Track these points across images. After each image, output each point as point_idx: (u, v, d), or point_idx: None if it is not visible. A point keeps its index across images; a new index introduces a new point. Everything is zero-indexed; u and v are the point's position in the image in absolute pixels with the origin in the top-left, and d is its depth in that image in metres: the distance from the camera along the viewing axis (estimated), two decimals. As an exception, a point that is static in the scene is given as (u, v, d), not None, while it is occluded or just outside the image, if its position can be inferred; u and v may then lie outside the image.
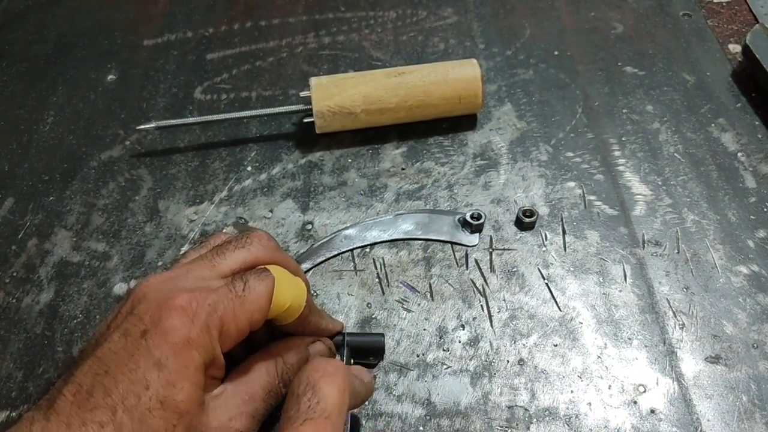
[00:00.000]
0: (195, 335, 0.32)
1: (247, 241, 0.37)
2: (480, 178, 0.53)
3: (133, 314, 0.33)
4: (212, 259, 0.36)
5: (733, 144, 0.54)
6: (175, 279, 0.35)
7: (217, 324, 0.33)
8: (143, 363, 0.31)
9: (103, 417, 0.30)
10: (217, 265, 0.36)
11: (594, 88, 0.59)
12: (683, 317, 0.44)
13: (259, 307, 0.34)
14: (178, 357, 0.31)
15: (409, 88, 0.53)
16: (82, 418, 0.30)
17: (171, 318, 0.32)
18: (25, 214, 0.52)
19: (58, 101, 0.61)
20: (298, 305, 0.36)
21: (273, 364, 0.36)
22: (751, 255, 0.47)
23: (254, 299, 0.34)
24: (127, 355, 0.31)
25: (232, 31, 0.67)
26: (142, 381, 0.31)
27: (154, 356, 0.31)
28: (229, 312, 0.33)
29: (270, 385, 0.36)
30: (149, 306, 0.33)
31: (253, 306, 0.34)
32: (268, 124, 0.58)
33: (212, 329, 0.32)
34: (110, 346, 0.32)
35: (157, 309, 0.32)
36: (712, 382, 0.41)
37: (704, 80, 0.59)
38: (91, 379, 0.31)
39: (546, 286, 0.46)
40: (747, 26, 0.64)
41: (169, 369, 0.31)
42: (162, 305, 0.32)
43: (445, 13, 0.67)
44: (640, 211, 0.50)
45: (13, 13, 0.70)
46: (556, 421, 0.40)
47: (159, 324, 0.32)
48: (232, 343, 0.34)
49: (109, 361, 0.31)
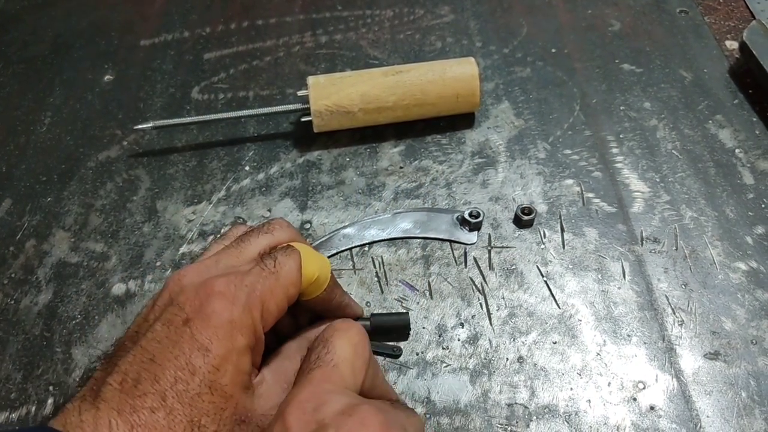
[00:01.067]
0: (237, 317, 0.32)
1: (269, 228, 0.38)
2: (478, 176, 0.53)
3: (173, 305, 0.33)
4: (238, 246, 0.37)
5: (731, 140, 0.54)
6: (207, 269, 0.35)
7: (257, 304, 0.33)
8: (188, 349, 0.31)
9: (153, 403, 0.30)
10: (244, 251, 0.37)
11: (591, 85, 0.59)
12: (682, 314, 0.44)
13: (292, 280, 0.35)
14: (222, 340, 0.32)
15: (407, 87, 0.53)
16: (132, 405, 0.30)
17: (212, 303, 0.32)
18: (22, 215, 0.52)
19: (55, 102, 0.60)
20: (325, 276, 0.37)
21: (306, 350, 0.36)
22: (749, 251, 0.47)
23: (286, 273, 0.35)
24: (171, 343, 0.32)
25: (229, 30, 0.67)
26: (189, 366, 0.31)
27: (198, 341, 0.31)
28: (267, 290, 0.34)
29: None
30: (188, 295, 0.33)
31: (287, 280, 0.35)
32: (265, 123, 0.58)
33: (253, 309, 0.33)
34: (153, 336, 0.32)
35: (196, 296, 0.33)
36: (712, 379, 0.41)
37: (701, 77, 0.59)
38: (137, 367, 0.31)
39: (545, 284, 0.46)
40: (744, 23, 0.64)
41: (214, 353, 0.31)
42: (201, 293, 0.33)
43: (442, 12, 0.67)
44: (639, 208, 0.50)
45: (9, 14, 0.70)
46: (555, 419, 0.40)
47: (201, 310, 0.32)
48: (273, 321, 0.35)
49: (153, 350, 0.32)
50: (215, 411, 0.31)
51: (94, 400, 0.31)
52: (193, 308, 0.32)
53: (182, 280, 0.34)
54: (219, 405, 0.31)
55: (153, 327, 0.33)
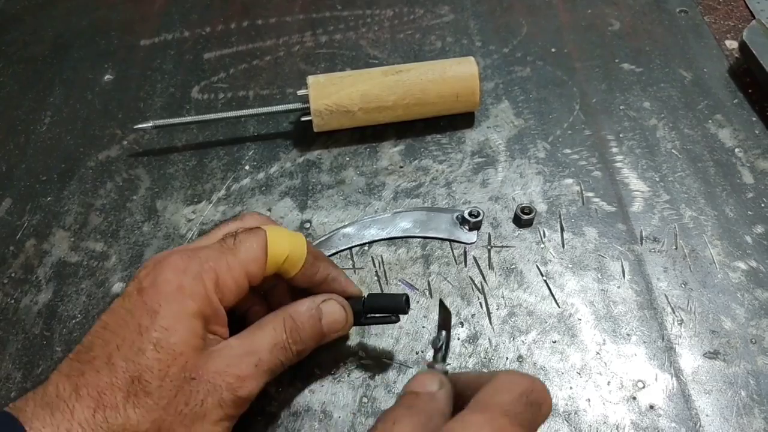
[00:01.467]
0: (187, 284, 0.34)
1: (240, 216, 0.41)
2: (478, 175, 0.53)
3: (133, 280, 0.36)
4: (208, 234, 0.40)
5: (731, 140, 0.54)
6: (175, 250, 0.37)
7: (211, 276, 0.35)
8: (138, 314, 0.34)
9: (99, 363, 0.33)
10: (211, 236, 0.39)
11: (591, 85, 0.59)
12: (682, 313, 0.44)
13: (254, 257, 0.36)
14: (171, 303, 0.34)
15: (407, 87, 0.53)
16: (80, 368, 0.33)
17: (163, 272, 0.34)
18: (22, 214, 0.52)
19: (55, 102, 0.60)
20: (299, 254, 0.38)
21: (281, 322, 0.37)
22: (749, 250, 0.47)
23: (246, 250, 0.36)
24: (124, 311, 0.34)
25: (229, 30, 0.67)
26: (136, 328, 0.33)
27: (147, 305, 0.34)
28: (222, 264, 0.35)
29: (276, 340, 0.37)
30: (146, 270, 0.35)
31: (247, 256, 0.36)
32: (265, 123, 0.58)
33: (206, 280, 0.35)
34: (112, 308, 0.35)
35: (152, 269, 0.35)
36: (711, 378, 0.41)
37: (701, 77, 0.59)
38: (92, 337, 0.34)
39: (544, 283, 0.46)
40: (743, 22, 0.64)
41: (162, 314, 0.33)
42: (156, 266, 0.35)
43: (442, 11, 0.67)
44: (638, 207, 0.50)
45: (9, 13, 0.70)
46: (555, 418, 0.40)
47: (153, 280, 0.34)
48: (234, 296, 0.36)
49: (108, 319, 0.34)
50: (160, 367, 0.33)
51: (49, 375, 0.34)
52: (147, 280, 0.35)
53: (149, 260, 0.36)
54: (165, 362, 0.33)
55: (114, 302, 0.35)
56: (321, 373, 0.42)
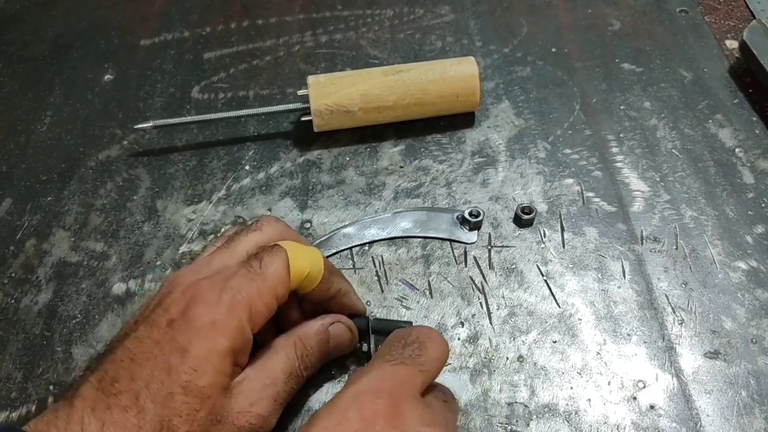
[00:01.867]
0: (220, 319, 0.32)
1: (259, 225, 0.39)
2: (478, 175, 0.53)
3: (160, 306, 0.34)
4: (228, 246, 0.38)
5: (731, 140, 0.54)
6: (198, 270, 0.36)
7: (243, 306, 0.33)
8: (168, 349, 0.32)
9: (126, 401, 0.31)
10: (234, 251, 0.37)
11: (591, 84, 0.59)
12: (682, 313, 0.44)
13: (280, 279, 0.35)
14: (203, 342, 0.32)
15: (407, 86, 0.53)
16: (106, 403, 0.31)
17: (195, 306, 0.33)
18: (23, 214, 0.52)
19: (55, 101, 0.60)
20: (317, 270, 0.37)
21: (293, 348, 0.37)
22: (749, 250, 0.47)
23: (273, 273, 0.35)
24: (152, 343, 0.32)
25: (229, 30, 0.67)
26: (165, 366, 0.31)
27: (177, 342, 0.32)
28: (254, 291, 0.34)
29: (290, 368, 0.36)
30: (174, 297, 0.34)
31: (274, 280, 0.35)
32: (265, 123, 0.58)
33: (239, 311, 0.33)
34: (137, 335, 0.33)
35: (181, 299, 0.33)
36: (712, 378, 0.41)
37: (701, 76, 0.59)
38: (117, 366, 0.32)
39: (545, 283, 0.46)
40: (744, 22, 0.64)
41: (193, 354, 0.32)
42: (186, 295, 0.33)
43: (442, 11, 0.67)
44: (639, 207, 0.50)
45: (9, 13, 0.70)
46: (555, 418, 0.40)
47: (185, 313, 0.33)
48: (264, 321, 0.35)
49: (135, 349, 0.32)
50: (188, 412, 0.31)
51: (71, 398, 0.32)
52: (177, 310, 0.33)
53: (174, 282, 0.35)
54: (193, 406, 0.31)
55: (139, 328, 0.33)
56: (320, 373, 0.42)
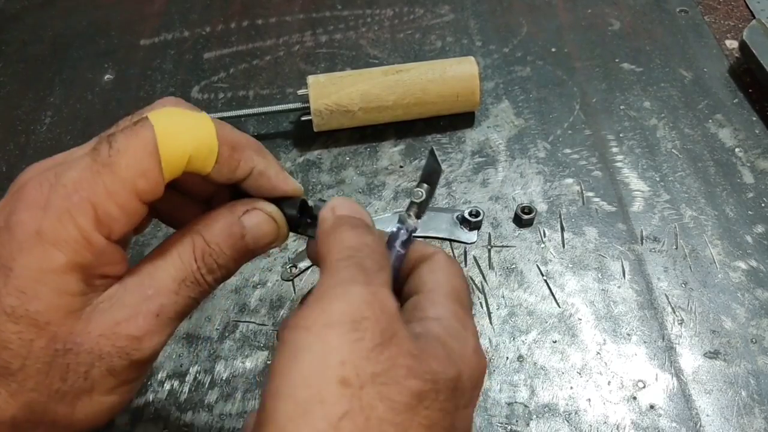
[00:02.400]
0: (49, 228, 0.25)
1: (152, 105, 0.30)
2: (478, 175, 0.53)
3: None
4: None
5: (731, 140, 0.54)
6: (49, 162, 0.28)
7: (85, 210, 0.26)
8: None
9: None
10: (92, 142, 0.28)
11: (591, 84, 0.59)
12: (682, 313, 0.44)
13: (141, 170, 0.26)
14: (28, 257, 0.25)
15: (407, 86, 0.53)
16: None
17: (18, 211, 0.26)
18: (22, 214, 0.52)
19: (55, 101, 0.60)
20: (207, 147, 0.28)
21: (189, 246, 0.29)
22: (749, 250, 0.47)
23: (129, 161, 0.26)
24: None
25: (229, 30, 0.67)
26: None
27: (1, 258, 0.25)
28: (99, 188, 0.26)
29: (184, 273, 0.28)
30: (6, 199, 0.27)
31: (131, 170, 0.26)
32: (265, 122, 0.58)
33: (78, 216, 0.25)
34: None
35: (8, 202, 0.27)
36: (711, 378, 0.41)
37: (701, 76, 0.59)
38: None
39: (545, 283, 0.46)
40: (744, 22, 0.64)
41: (17, 273, 0.25)
42: (13, 197, 0.27)
43: (442, 11, 0.67)
44: (639, 207, 0.50)
45: (9, 13, 0.70)
46: (555, 418, 0.40)
47: (8, 221, 0.26)
48: (126, 225, 0.27)
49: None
50: (21, 343, 0.25)
51: None
52: (2, 217, 0.26)
53: (18, 178, 0.28)
54: (25, 336, 0.25)
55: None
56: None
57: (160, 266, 0.28)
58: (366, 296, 0.24)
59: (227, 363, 0.43)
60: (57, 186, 0.26)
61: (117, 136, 0.26)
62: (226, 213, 0.30)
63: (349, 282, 0.24)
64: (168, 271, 0.28)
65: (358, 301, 0.24)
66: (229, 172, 0.29)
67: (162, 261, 0.28)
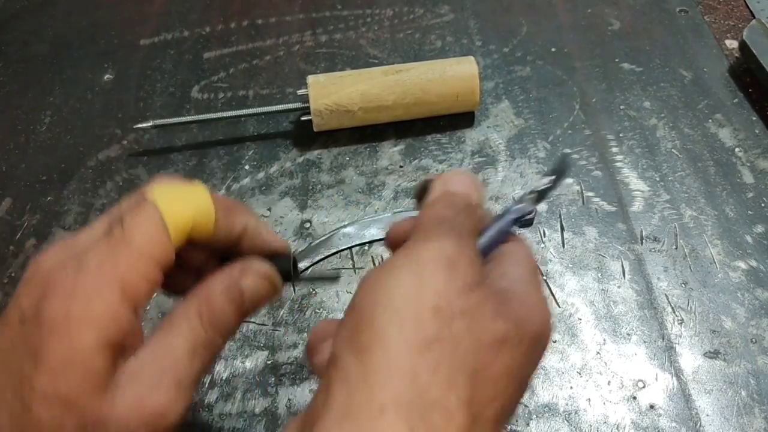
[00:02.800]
0: (78, 309, 0.26)
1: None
2: (478, 175, 0.53)
3: (14, 299, 0.28)
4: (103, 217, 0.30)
5: (731, 139, 0.54)
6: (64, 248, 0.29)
7: (111, 286, 0.27)
8: (20, 353, 0.27)
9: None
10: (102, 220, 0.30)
11: (591, 84, 0.59)
12: (682, 312, 0.44)
13: (154, 240, 0.28)
14: (59, 341, 0.26)
15: (407, 86, 0.53)
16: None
17: (47, 298, 0.27)
18: (22, 214, 0.52)
19: (55, 101, 0.60)
20: (206, 212, 0.30)
21: (196, 315, 0.30)
22: (749, 250, 0.47)
23: (143, 235, 0.28)
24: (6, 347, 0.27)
25: (229, 29, 0.67)
26: (18, 373, 0.26)
27: (30, 345, 0.26)
28: (122, 264, 0.27)
29: (195, 341, 0.29)
30: (27, 288, 0.28)
31: (146, 243, 0.28)
32: (265, 122, 0.58)
33: (106, 294, 0.27)
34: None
35: (33, 289, 0.28)
36: (711, 377, 0.41)
37: (701, 76, 0.59)
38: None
39: (545, 283, 0.46)
40: (744, 22, 0.64)
41: (48, 357, 0.26)
42: (37, 284, 0.28)
43: (442, 11, 0.67)
44: (638, 207, 0.50)
45: (8, 13, 0.70)
46: (555, 417, 0.40)
47: (37, 308, 0.27)
48: (150, 293, 0.29)
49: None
50: (51, 424, 0.26)
51: None
52: (29, 305, 0.27)
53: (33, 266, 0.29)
54: (56, 416, 0.26)
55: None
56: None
57: (172, 337, 0.29)
58: (457, 247, 0.26)
59: (227, 363, 0.43)
60: (81, 270, 0.27)
61: (125, 216, 0.29)
62: (225, 278, 0.31)
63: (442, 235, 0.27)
64: (181, 342, 0.29)
65: (450, 248, 0.26)
66: (227, 231, 0.32)
67: (173, 331, 0.29)
